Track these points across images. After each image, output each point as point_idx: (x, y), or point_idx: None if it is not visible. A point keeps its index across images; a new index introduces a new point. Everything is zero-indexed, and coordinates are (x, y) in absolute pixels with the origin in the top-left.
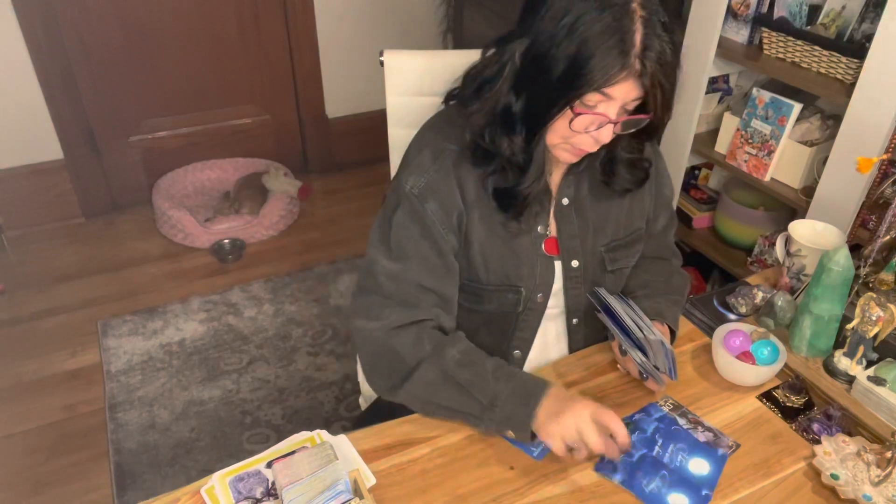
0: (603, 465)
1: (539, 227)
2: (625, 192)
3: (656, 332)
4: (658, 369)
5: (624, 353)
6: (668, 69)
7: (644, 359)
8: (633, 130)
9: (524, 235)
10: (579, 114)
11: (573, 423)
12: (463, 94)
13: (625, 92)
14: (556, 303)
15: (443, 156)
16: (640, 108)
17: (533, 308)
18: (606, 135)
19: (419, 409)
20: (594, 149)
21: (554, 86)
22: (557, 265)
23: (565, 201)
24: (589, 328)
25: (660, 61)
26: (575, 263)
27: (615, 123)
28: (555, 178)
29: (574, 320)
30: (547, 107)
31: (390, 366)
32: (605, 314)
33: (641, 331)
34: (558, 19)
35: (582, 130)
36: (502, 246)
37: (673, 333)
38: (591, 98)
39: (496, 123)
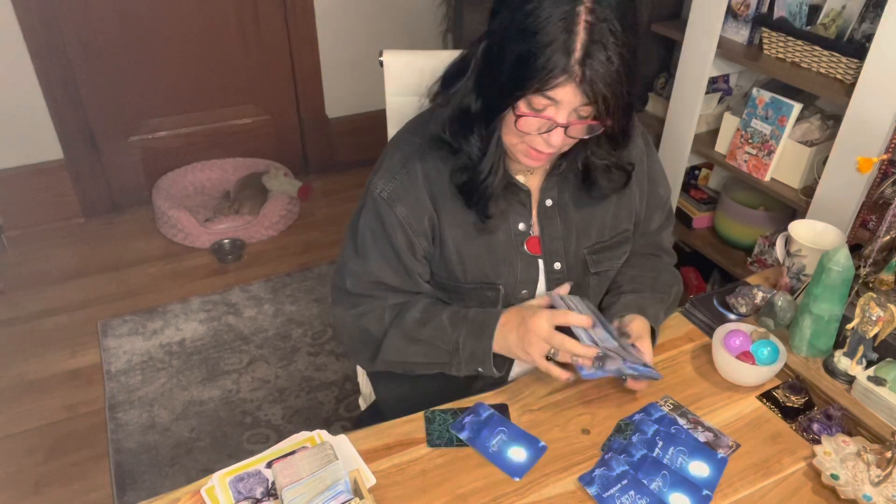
0: (584, 476)
1: (520, 226)
2: (603, 197)
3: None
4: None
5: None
6: (612, 79)
7: (633, 373)
8: (587, 137)
9: (501, 233)
10: (521, 115)
11: (538, 339)
12: (433, 90)
13: (568, 97)
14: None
15: (412, 158)
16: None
17: (517, 305)
18: (557, 139)
19: (401, 369)
20: (549, 151)
21: (501, 84)
22: (541, 264)
23: (549, 202)
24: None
25: (602, 71)
26: (557, 266)
27: (565, 128)
28: (537, 178)
29: None
30: (495, 105)
31: (363, 343)
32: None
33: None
34: (512, 16)
35: (533, 132)
36: (478, 245)
37: (653, 331)
38: (539, 101)
39: (456, 118)
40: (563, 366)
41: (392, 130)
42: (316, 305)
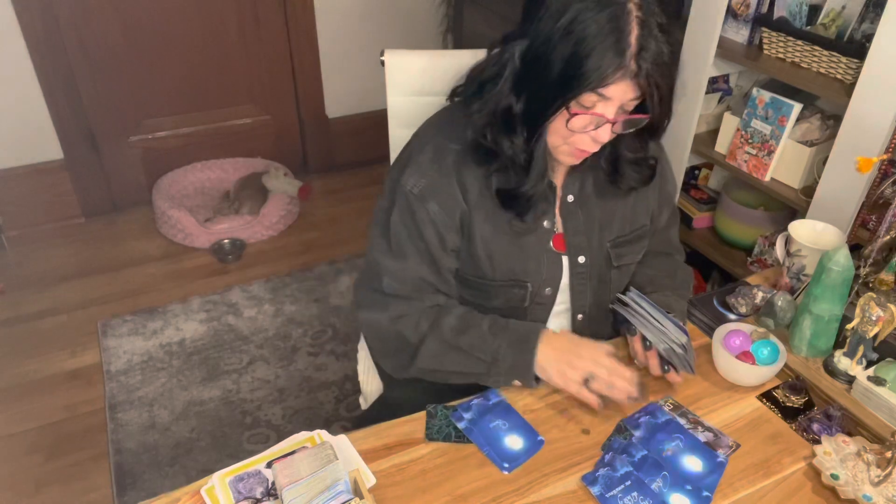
0: (587, 476)
1: (545, 223)
2: (630, 190)
3: (685, 331)
4: (689, 363)
5: (648, 347)
6: (665, 69)
7: (682, 352)
8: (632, 130)
9: (531, 232)
10: (576, 114)
11: (588, 358)
12: (466, 93)
13: (621, 92)
14: (563, 299)
15: (444, 155)
16: (640, 108)
17: (541, 303)
18: (605, 134)
19: (432, 378)
20: (594, 149)
21: (551, 86)
22: (565, 260)
23: (570, 198)
24: (594, 325)
25: (656, 62)
26: (581, 259)
27: (613, 123)
28: (559, 176)
29: (579, 316)
30: (544, 107)
31: (397, 348)
32: (630, 314)
33: (670, 332)
34: (555, 20)
35: (580, 130)
36: (508, 242)
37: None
38: (588, 99)
39: (497, 123)
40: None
41: (393, 130)
42: (316, 305)
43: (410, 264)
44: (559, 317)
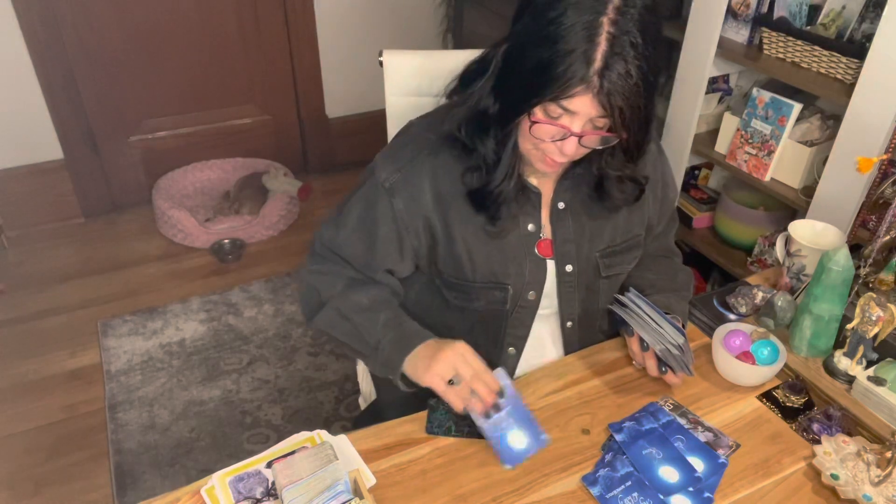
0: (587, 476)
1: (530, 227)
2: (617, 208)
3: (683, 332)
4: (686, 364)
5: (645, 348)
6: (630, 92)
7: (679, 353)
8: (601, 147)
9: (511, 234)
10: (536, 122)
11: (449, 359)
12: (449, 87)
13: (584, 107)
14: (548, 303)
15: (422, 152)
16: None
17: (525, 306)
18: (570, 147)
19: (330, 338)
20: (562, 160)
21: (519, 90)
22: (550, 265)
23: (561, 205)
24: (584, 332)
25: (621, 83)
26: (569, 268)
27: (579, 137)
28: (549, 181)
29: (568, 323)
30: (511, 110)
31: (308, 299)
32: (627, 315)
33: (667, 333)
34: (533, 26)
35: (546, 139)
36: (488, 243)
37: (682, 327)
38: (554, 109)
39: (472, 119)
40: None
41: (392, 130)
42: None
43: (341, 238)
44: (548, 322)
